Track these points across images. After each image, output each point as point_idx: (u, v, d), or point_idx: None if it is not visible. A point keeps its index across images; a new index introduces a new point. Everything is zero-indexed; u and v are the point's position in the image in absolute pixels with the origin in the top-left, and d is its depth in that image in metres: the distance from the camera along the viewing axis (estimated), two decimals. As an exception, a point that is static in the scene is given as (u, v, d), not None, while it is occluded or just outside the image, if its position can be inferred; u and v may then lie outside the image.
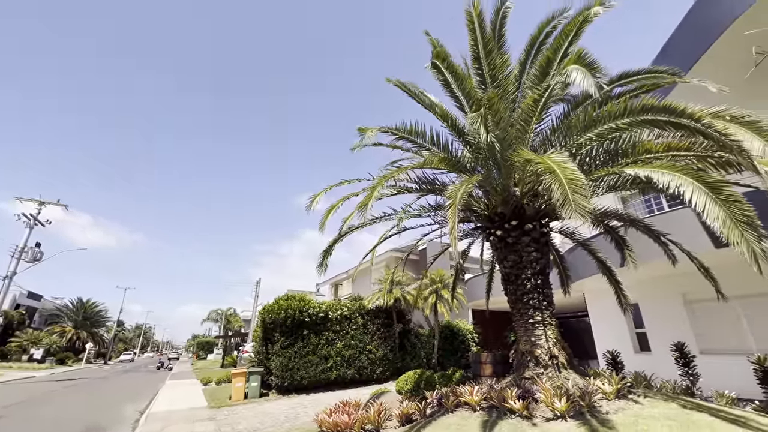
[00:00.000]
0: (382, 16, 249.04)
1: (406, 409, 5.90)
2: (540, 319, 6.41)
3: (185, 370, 29.43)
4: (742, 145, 3.64)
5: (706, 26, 7.72)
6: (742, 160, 3.76)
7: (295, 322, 12.07)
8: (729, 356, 8.73)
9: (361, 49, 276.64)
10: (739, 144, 3.63)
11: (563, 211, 3.94)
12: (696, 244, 7.53)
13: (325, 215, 6.57)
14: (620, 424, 4.05)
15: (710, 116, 3.96)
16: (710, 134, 3.86)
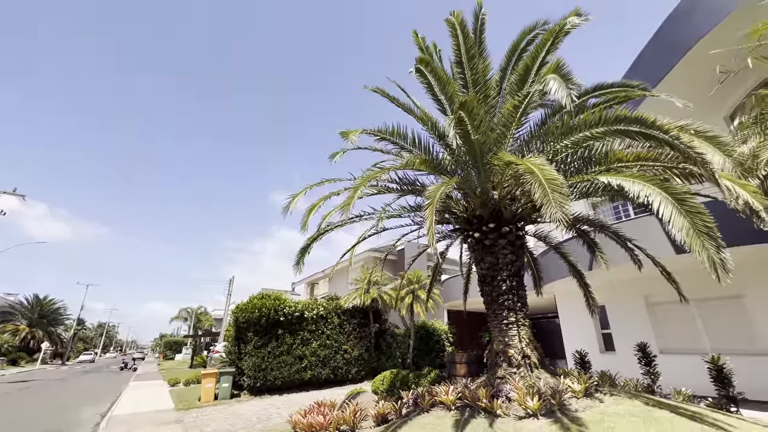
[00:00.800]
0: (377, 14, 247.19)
1: (382, 409, 5.90)
2: (514, 320, 6.57)
3: (151, 370, 28.24)
4: (706, 158, 3.87)
5: (673, 44, 8.17)
6: (705, 172, 3.99)
7: (270, 321, 11.84)
8: (686, 356, 9.28)
9: (358, 48, 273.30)
10: (704, 157, 3.86)
11: (544, 209, 4.06)
12: (659, 250, 7.95)
13: (306, 215, 6.48)
14: (589, 421, 4.22)
15: (677, 129, 4.18)
16: (677, 146, 4.08)
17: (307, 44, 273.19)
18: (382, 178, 7.05)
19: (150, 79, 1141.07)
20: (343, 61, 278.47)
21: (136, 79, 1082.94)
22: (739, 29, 4.98)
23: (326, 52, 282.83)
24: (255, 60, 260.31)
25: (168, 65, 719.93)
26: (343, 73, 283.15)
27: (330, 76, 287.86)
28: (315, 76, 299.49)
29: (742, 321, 8.92)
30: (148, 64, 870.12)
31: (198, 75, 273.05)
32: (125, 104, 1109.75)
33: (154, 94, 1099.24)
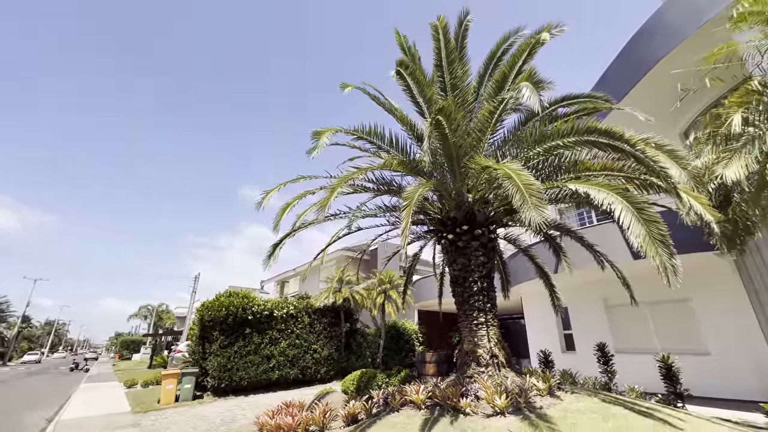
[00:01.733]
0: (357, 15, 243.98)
1: (352, 408, 5.87)
2: (484, 321, 6.73)
3: (105, 371, 26.61)
4: (669, 172, 4.13)
5: (637, 62, 8.68)
6: (666, 184, 4.26)
7: (238, 320, 11.48)
8: (639, 355, 9.89)
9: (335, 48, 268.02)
10: (666, 170, 4.12)
11: (521, 213, 4.18)
12: (618, 256, 8.41)
13: (280, 213, 6.33)
14: (552, 417, 4.40)
15: (642, 143, 4.44)
16: (641, 158, 4.33)
17: (286, 42, 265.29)
18: (359, 178, 7.01)
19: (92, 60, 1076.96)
20: (316, 60, 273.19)
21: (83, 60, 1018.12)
22: (696, 53, 5.36)
23: (304, 51, 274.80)
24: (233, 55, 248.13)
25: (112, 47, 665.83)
26: (319, 72, 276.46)
27: (306, 74, 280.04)
28: (293, 75, 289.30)
29: (688, 323, 9.62)
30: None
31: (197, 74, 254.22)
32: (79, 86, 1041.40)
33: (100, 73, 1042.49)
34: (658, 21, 8.35)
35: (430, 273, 14.09)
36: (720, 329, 8.99)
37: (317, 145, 6.28)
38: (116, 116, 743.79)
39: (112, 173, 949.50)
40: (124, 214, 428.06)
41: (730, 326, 8.81)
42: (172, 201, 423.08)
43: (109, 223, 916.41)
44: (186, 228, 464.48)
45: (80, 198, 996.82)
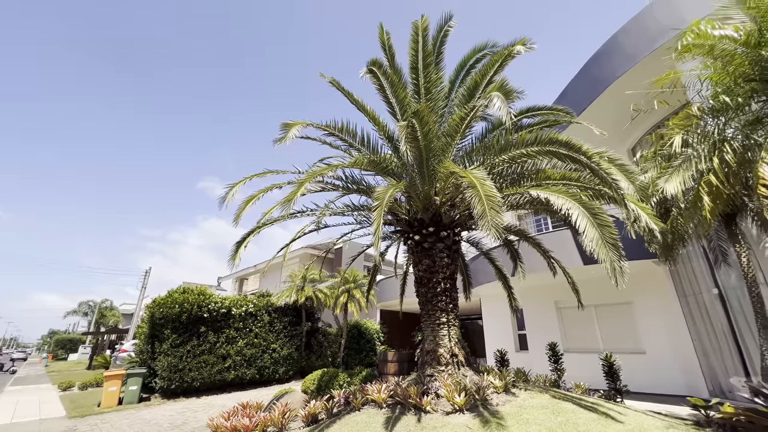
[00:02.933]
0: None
1: (313, 408, 5.78)
2: (445, 321, 6.90)
3: (36, 372, 24.22)
4: (620, 184, 4.47)
5: (595, 80, 9.31)
6: (616, 195, 4.61)
7: (192, 317, 10.91)
8: (585, 354, 10.60)
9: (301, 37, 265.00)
10: (617, 182, 4.45)
11: (480, 221, 4.33)
12: (570, 261, 8.98)
13: (243, 205, 6.11)
14: (508, 413, 4.61)
15: (598, 156, 4.77)
16: (596, 170, 4.65)
17: (254, 28, 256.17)
18: (328, 175, 6.93)
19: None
20: (288, 48, 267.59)
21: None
22: (646, 77, 5.85)
23: (270, 40, 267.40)
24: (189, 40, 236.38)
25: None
26: (288, 64, 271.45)
27: (278, 66, 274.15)
28: (256, 68, 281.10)
29: (629, 324, 10.46)
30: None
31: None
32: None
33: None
34: (615, 44, 9.00)
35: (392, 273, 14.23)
36: (654, 330, 9.87)
37: (285, 137, 6.08)
38: (54, 101, 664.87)
39: (55, 162, 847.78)
40: (67, 203, 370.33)
41: (662, 328, 9.70)
42: (123, 191, 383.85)
43: (47, 211, 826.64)
44: (137, 220, 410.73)
45: (17, 188, 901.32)
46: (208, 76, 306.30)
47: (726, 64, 4.52)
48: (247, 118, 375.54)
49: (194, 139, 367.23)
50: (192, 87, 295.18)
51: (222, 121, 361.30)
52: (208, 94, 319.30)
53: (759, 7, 4.16)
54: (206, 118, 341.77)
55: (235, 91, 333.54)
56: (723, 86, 4.59)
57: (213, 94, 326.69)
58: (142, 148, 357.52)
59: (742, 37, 4.29)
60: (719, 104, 4.61)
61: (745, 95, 4.48)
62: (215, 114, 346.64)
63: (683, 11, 7.03)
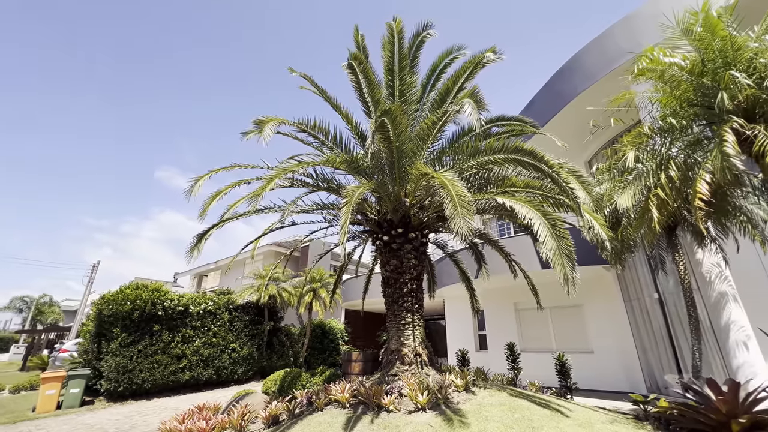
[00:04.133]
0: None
1: (274, 409, 5.65)
2: (411, 321, 7.00)
3: (-43, 375, 21.74)
4: (577, 194, 4.75)
5: (559, 94, 9.83)
6: (573, 204, 4.90)
7: (145, 315, 10.30)
8: (540, 353, 11.16)
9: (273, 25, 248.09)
10: (575, 192, 4.74)
11: (451, 222, 4.44)
12: (529, 265, 9.41)
13: (209, 200, 5.87)
14: (468, 411, 4.77)
15: (558, 166, 5.05)
16: (557, 180, 4.92)
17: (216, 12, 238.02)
18: (298, 172, 6.81)
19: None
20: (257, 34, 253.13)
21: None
22: (605, 95, 6.26)
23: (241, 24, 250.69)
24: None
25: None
26: (252, 57, 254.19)
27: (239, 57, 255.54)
28: (219, 57, 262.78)
29: (580, 325, 11.14)
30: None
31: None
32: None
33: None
34: (577, 62, 9.56)
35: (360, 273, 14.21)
36: (602, 331, 10.59)
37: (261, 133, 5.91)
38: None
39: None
40: (18, 189, 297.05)
41: (609, 329, 10.42)
42: (66, 178, 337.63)
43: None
44: (83, 210, 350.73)
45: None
46: (172, 61, 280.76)
47: (673, 88, 4.95)
48: (211, 106, 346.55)
49: (151, 125, 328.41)
50: (152, 72, 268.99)
51: (184, 108, 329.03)
52: (170, 79, 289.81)
53: (702, 39, 4.61)
54: (167, 103, 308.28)
55: (200, 78, 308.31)
56: (670, 109, 5.03)
57: (175, 79, 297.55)
58: (99, 136, 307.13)
59: (688, 65, 4.72)
60: (666, 125, 5.05)
61: (688, 118, 4.93)
62: (176, 100, 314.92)
63: (639, 37, 7.61)
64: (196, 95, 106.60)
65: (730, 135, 4.16)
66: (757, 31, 4.58)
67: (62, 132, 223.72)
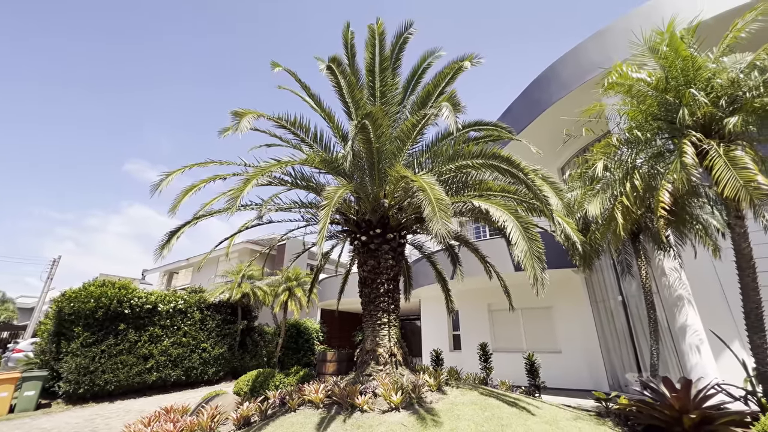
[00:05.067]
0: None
1: (246, 411, 5.55)
2: (386, 321, 7.04)
3: None
4: (550, 200, 4.94)
5: (536, 102, 10.15)
6: (546, 209, 5.09)
7: (110, 314, 9.85)
8: (511, 353, 11.48)
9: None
10: (548, 198, 4.92)
11: (430, 224, 4.51)
12: (503, 267, 9.67)
13: (182, 195, 5.70)
14: (441, 410, 4.86)
15: (533, 172, 5.23)
16: (531, 186, 5.09)
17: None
18: (277, 170, 6.71)
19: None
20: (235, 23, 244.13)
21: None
22: (578, 105, 6.54)
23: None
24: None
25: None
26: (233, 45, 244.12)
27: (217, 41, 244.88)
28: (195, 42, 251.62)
29: (549, 326, 11.54)
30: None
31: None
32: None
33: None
34: (553, 72, 9.91)
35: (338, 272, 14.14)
36: (569, 332, 11.02)
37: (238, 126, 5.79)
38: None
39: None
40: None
41: (576, 330, 10.86)
42: (26, 169, 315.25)
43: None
44: (44, 203, 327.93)
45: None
46: (147, 51, 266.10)
47: (640, 103, 5.24)
48: (187, 97, 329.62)
49: (123, 116, 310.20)
50: (126, 61, 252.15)
51: (159, 99, 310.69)
52: (143, 66, 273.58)
53: (667, 58, 4.90)
54: (140, 94, 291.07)
55: (176, 68, 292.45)
56: (636, 122, 5.31)
57: (149, 67, 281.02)
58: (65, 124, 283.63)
59: (654, 81, 5.01)
60: (633, 137, 5.33)
61: (652, 131, 5.23)
62: (151, 91, 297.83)
63: (611, 52, 7.98)
64: (170, 86, 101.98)
65: (689, 147, 4.44)
66: (715, 53, 4.92)
67: (22, 122, 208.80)
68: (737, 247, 4.71)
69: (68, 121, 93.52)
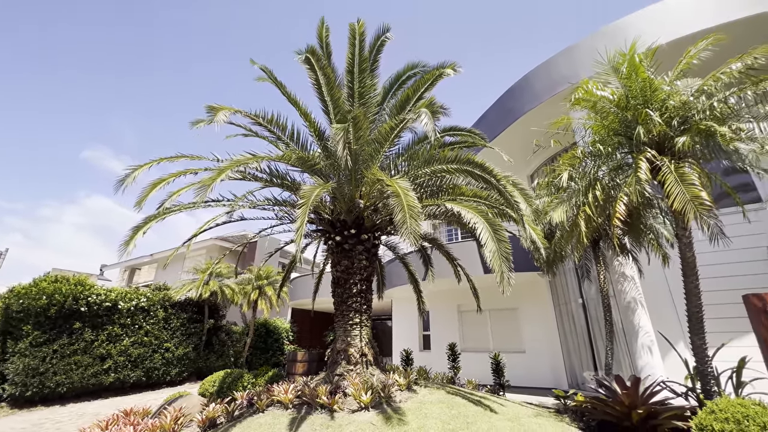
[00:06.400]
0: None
1: (212, 412, 5.42)
2: (358, 321, 7.09)
3: None
4: (520, 206, 5.17)
5: (508, 111, 10.53)
6: (516, 215, 5.33)
7: (64, 311, 9.28)
8: (479, 353, 11.83)
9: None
10: (518, 204, 5.16)
11: (400, 231, 4.61)
12: (473, 270, 9.97)
13: (150, 187, 5.50)
14: (409, 409, 4.97)
15: (504, 179, 5.46)
16: (502, 192, 5.32)
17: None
18: (251, 166, 6.60)
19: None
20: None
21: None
22: (548, 117, 6.87)
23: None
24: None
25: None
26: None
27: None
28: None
29: (515, 327, 12.00)
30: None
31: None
32: None
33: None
34: (526, 83, 10.32)
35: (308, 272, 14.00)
36: (533, 332, 11.51)
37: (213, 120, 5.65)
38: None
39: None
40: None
41: (540, 330, 11.36)
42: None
43: None
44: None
45: None
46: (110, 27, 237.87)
47: (603, 119, 5.59)
48: (157, 83, 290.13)
49: (85, 98, 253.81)
50: (87, 38, 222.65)
51: (127, 84, 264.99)
52: (108, 47, 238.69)
53: (628, 78, 5.26)
54: (108, 76, 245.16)
55: (148, 51, 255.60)
56: (599, 136, 5.67)
57: (115, 48, 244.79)
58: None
59: (616, 99, 5.37)
60: (596, 150, 5.68)
61: (613, 146, 5.59)
62: (116, 73, 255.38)
63: (579, 68, 8.43)
64: (141, 70, 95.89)
65: (644, 163, 4.80)
66: (670, 77, 5.34)
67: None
68: (683, 256, 5.14)
69: (17, 102, 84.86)
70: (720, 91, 4.78)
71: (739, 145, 4.79)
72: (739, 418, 3.60)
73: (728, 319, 6.48)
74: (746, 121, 4.73)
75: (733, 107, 4.67)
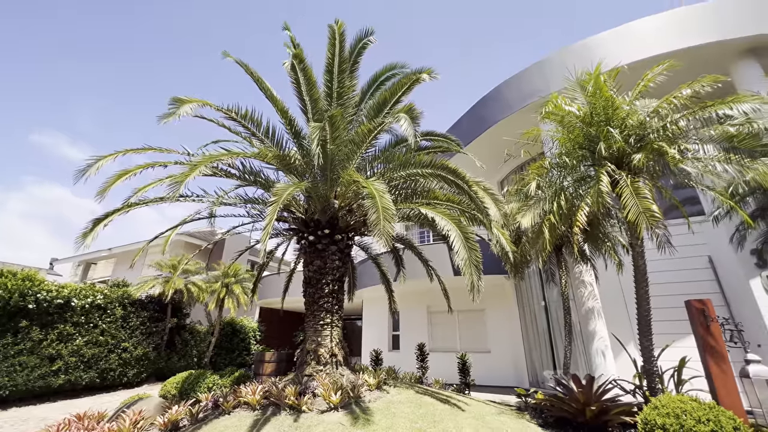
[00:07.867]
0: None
1: (174, 415, 5.24)
2: (329, 321, 7.08)
3: None
4: (490, 211, 5.39)
5: (481, 119, 10.87)
6: (486, 220, 5.54)
7: (9, 309, 8.61)
8: (446, 353, 12.11)
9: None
10: (488, 209, 5.37)
11: (374, 232, 4.67)
12: (443, 272, 10.21)
13: (115, 178, 5.26)
14: (378, 409, 5.04)
15: (476, 184, 5.66)
16: (474, 197, 5.51)
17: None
18: (224, 161, 6.43)
19: None
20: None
21: None
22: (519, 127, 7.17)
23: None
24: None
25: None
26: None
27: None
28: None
29: (481, 328, 12.39)
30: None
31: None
32: None
33: None
34: (499, 93, 10.70)
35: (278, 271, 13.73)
36: (498, 333, 11.94)
37: (176, 113, 5.43)
38: None
39: None
40: None
41: (504, 331, 11.80)
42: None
43: None
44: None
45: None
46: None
47: (569, 132, 5.93)
48: (123, 69, 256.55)
49: (38, 77, 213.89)
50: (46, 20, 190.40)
51: (89, 65, 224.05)
52: (69, 30, 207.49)
53: (593, 96, 5.62)
54: (70, 60, 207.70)
55: (115, 34, 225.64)
56: (566, 149, 6.00)
57: (76, 30, 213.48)
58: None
59: (581, 115, 5.71)
60: (562, 162, 6.02)
61: (578, 158, 5.95)
62: (83, 55, 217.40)
63: (549, 82, 8.86)
64: (106, 54, 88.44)
65: (605, 177, 5.14)
66: (630, 97, 5.74)
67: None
68: (635, 263, 5.55)
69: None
70: (672, 113, 5.21)
71: (686, 165, 5.24)
72: (678, 412, 3.97)
73: (673, 322, 7.05)
74: (693, 142, 5.18)
75: (683, 129, 5.11)
